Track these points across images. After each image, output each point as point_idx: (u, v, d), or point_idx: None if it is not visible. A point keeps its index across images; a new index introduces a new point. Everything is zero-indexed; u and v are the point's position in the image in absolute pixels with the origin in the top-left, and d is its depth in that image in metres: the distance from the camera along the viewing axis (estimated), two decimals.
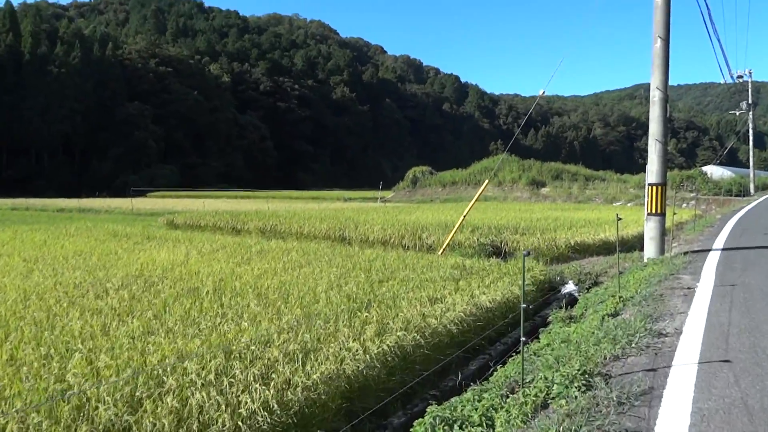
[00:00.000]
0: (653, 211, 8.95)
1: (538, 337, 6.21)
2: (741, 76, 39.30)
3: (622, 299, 5.91)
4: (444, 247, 11.79)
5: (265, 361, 4.25)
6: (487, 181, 11.67)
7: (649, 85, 8.74)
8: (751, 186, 38.52)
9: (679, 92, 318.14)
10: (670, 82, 8.70)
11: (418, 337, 5.34)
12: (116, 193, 62.22)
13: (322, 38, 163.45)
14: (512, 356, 5.53)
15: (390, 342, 5.00)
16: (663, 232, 9.03)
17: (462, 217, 11.80)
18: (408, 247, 13.32)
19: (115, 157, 73.43)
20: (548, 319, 6.78)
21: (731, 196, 33.70)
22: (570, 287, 9.71)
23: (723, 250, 9.42)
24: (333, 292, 6.93)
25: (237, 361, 4.18)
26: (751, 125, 39.13)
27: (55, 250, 11.07)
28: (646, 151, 9.93)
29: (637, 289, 6.52)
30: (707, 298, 5.68)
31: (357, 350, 4.66)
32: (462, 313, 6.29)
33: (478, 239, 12.38)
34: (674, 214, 9.79)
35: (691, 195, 32.75)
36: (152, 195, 59.34)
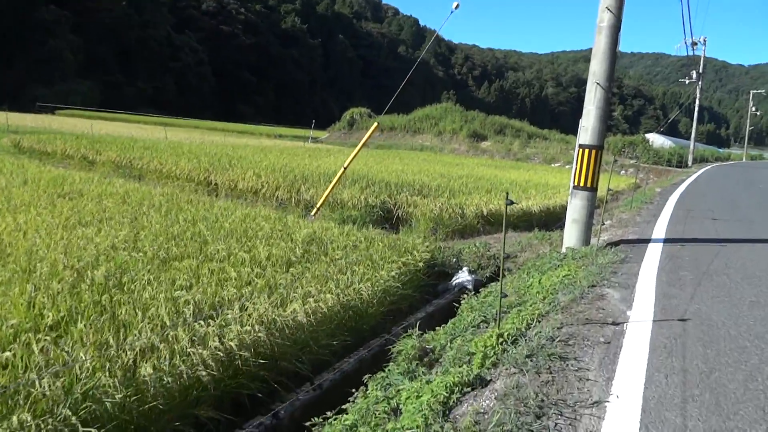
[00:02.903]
0: (582, 184, 6.44)
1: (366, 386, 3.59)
2: (696, 43, 37.65)
3: (496, 349, 3.34)
4: (317, 208, 9.01)
5: None
6: (375, 123, 8.83)
7: None
8: (690, 158, 37.63)
9: (631, 60, 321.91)
10: (623, 48, 6.15)
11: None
12: (22, 108, 55.27)
13: None
14: None
15: None
16: (591, 214, 6.57)
17: (342, 170, 8.98)
18: (282, 201, 10.48)
19: (24, 66, 65.26)
20: (394, 350, 4.18)
21: (670, 166, 32.54)
22: (464, 276, 7.21)
23: (666, 241, 7.09)
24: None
25: None
26: (698, 94, 37.81)
27: None
28: None
29: (532, 316, 3.98)
30: (643, 357, 3.19)
31: None
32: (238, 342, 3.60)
33: (366, 199, 9.66)
34: (609, 186, 7.37)
35: (631, 162, 31.32)
36: (61, 113, 53.31)
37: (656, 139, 44.27)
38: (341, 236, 7.11)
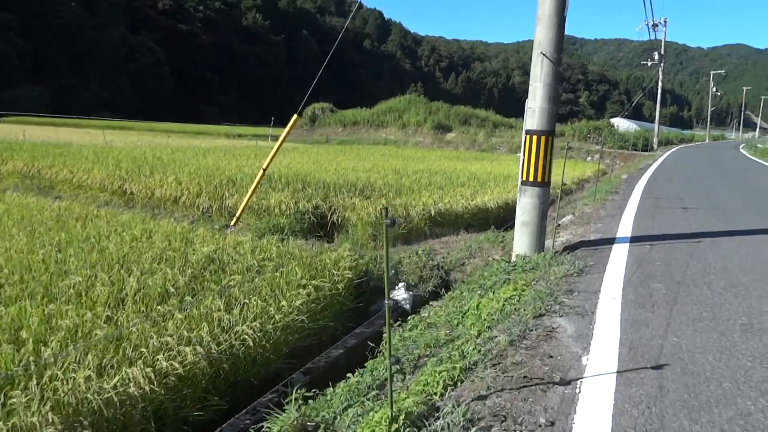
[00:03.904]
0: (531, 178, 5.33)
1: None
2: (657, 24, 37.27)
3: None
4: (237, 217, 7.75)
5: None
6: (294, 117, 7.59)
7: (570, 37, 4.97)
8: (655, 140, 37.30)
9: (595, 46, 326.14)
10: (586, 35, 5.16)
11: None
12: None
13: None
14: None
15: None
16: (544, 214, 5.46)
17: (261, 172, 7.71)
18: (206, 209, 9.18)
19: None
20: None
21: (636, 150, 32.03)
22: (399, 294, 6.06)
23: (632, 240, 6.04)
24: None
25: None
26: (660, 76, 37.43)
27: None
28: (561, 102, 6.35)
29: (451, 375, 2.83)
30: None
31: None
32: None
33: (297, 204, 8.42)
34: (563, 177, 6.25)
35: (597, 148, 30.67)
36: (5, 120, 50.36)
37: (621, 124, 43.95)
38: (249, 253, 5.87)
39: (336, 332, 5.40)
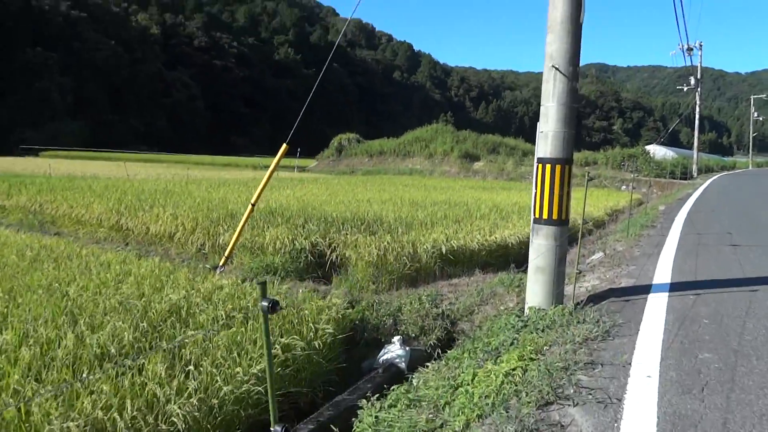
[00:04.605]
0: (545, 215, 4.46)
1: None
2: (692, 49, 35.97)
3: None
4: (226, 257, 7.04)
5: None
6: (284, 146, 6.90)
7: (601, 65, 4.36)
8: (694, 168, 35.54)
9: (628, 73, 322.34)
10: (619, 63, 4.42)
11: None
12: (6, 152, 53.93)
13: None
14: None
15: None
16: (563, 257, 4.56)
17: (249, 208, 7.01)
18: (201, 247, 8.53)
19: (11, 109, 64.37)
20: None
21: (674, 178, 30.46)
22: (394, 350, 5.20)
23: (672, 289, 5.05)
24: None
25: None
26: (698, 100, 35.90)
27: None
28: (594, 129, 5.54)
29: None
30: None
31: None
32: None
33: (293, 241, 7.67)
34: (584, 211, 5.34)
35: (632, 176, 29.26)
36: (45, 155, 51.98)
37: (658, 151, 42.26)
38: (221, 302, 5.12)
39: (316, 399, 4.58)
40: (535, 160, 4.55)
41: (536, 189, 4.50)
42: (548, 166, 4.40)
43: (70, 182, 14.47)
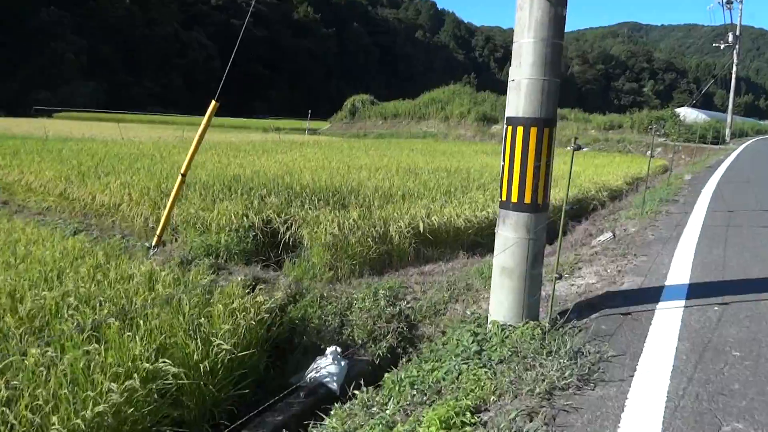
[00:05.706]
0: (514, 198, 3.22)
1: None
2: (731, 1, 33.09)
3: None
4: (158, 236, 5.96)
5: None
6: (213, 103, 5.71)
7: (634, 24, 3.09)
8: (728, 132, 33.18)
9: (661, 33, 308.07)
10: (653, 21, 3.09)
11: None
12: (21, 113, 53.63)
13: None
14: None
15: None
16: (538, 255, 3.34)
17: (179, 179, 5.87)
18: (148, 218, 7.48)
19: (26, 71, 63.95)
20: None
21: (705, 143, 28.35)
22: (324, 366, 4.09)
23: (691, 295, 3.79)
24: None
25: None
26: (735, 59, 33.22)
27: None
28: (623, 92, 4.34)
29: None
30: None
31: None
32: None
33: (243, 217, 6.55)
34: (567, 189, 4.07)
35: (660, 140, 27.28)
36: (58, 116, 51.63)
37: (689, 114, 39.69)
38: (107, 301, 4.05)
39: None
40: (505, 120, 3.29)
41: (504, 161, 3.25)
42: (520, 129, 3.15)
43: (41, 145, 13.54)
